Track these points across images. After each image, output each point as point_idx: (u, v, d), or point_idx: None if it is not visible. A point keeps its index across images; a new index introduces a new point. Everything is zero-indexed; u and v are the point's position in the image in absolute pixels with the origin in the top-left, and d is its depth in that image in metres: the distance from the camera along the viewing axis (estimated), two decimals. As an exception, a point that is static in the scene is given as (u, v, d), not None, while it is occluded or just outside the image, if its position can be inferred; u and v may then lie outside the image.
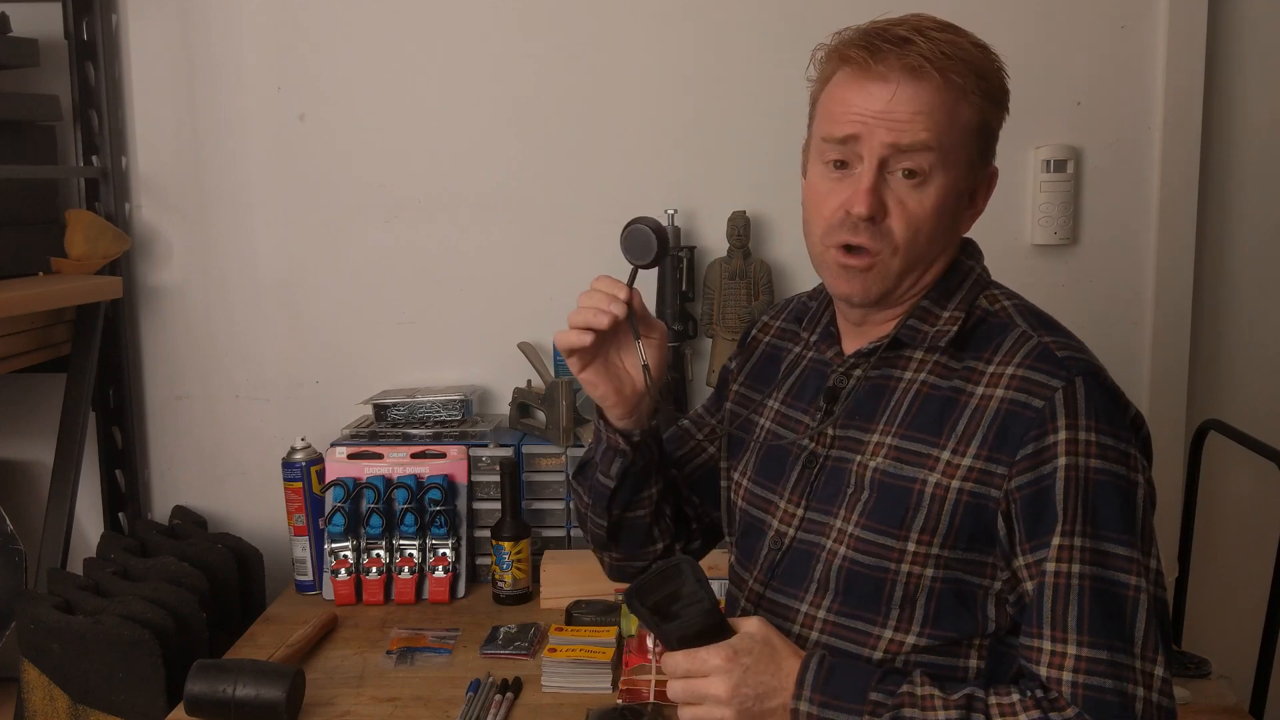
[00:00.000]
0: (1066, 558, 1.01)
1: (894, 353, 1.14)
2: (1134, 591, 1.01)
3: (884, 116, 1.05)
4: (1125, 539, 1.02)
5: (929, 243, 1.09)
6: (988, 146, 1.12)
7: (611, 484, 1.26)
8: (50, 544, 1.92)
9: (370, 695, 1.58)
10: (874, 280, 1.10)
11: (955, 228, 1.13)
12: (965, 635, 1.08)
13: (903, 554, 1.08)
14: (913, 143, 1.05)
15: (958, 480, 1.06)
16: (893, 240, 1.08)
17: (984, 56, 1.09)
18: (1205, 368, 2.12)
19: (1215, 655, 1.66)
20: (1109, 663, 0.99)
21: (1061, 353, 1.06)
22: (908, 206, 1.07)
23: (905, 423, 1.10)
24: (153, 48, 2.10)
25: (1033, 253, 2.06)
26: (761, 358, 1.32)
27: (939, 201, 1.08)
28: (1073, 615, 1.00)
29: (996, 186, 1.16)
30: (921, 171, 1.06)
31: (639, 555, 1.33)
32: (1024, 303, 1.15)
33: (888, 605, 1.09)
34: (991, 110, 1.10)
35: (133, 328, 2.17)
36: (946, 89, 1.06)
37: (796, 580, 1.15)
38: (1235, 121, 2.07)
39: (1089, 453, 1.02)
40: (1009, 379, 1.06)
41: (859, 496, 1.11)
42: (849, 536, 1.11)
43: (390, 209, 2.12)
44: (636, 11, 2.04)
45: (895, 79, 1.05)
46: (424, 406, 2.03)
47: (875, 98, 1.06)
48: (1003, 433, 1.04)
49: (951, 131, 1.07)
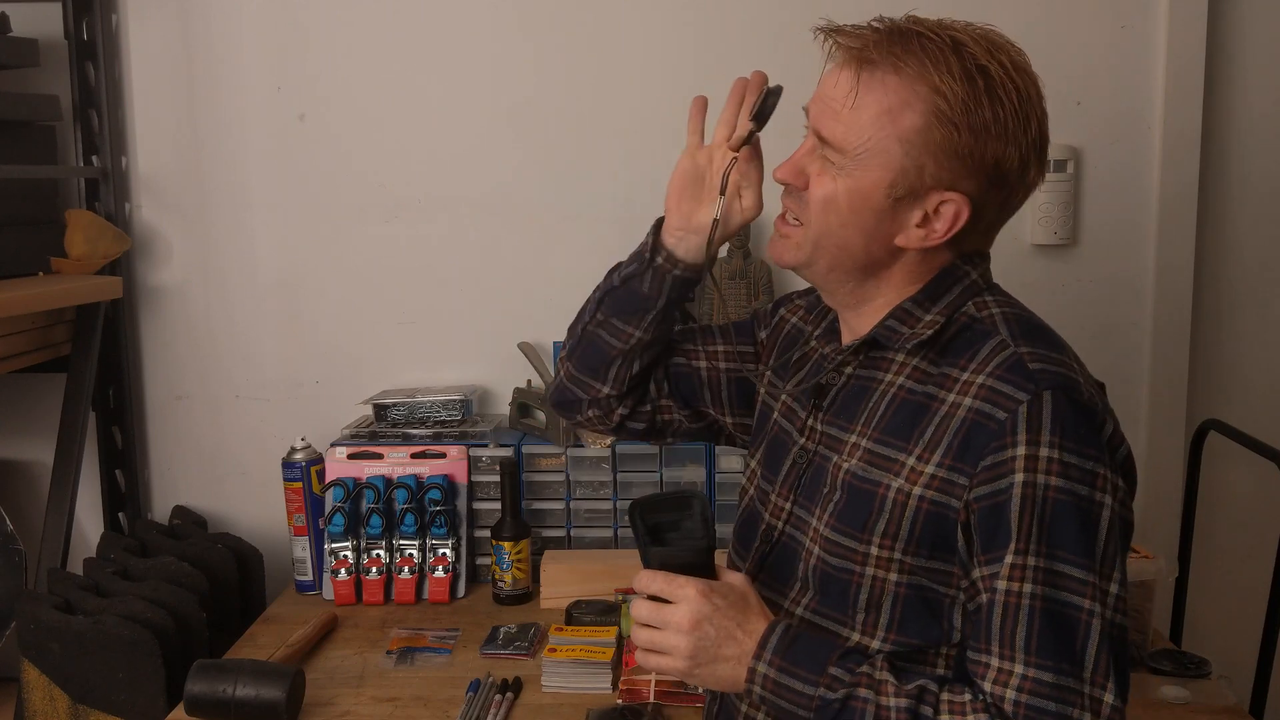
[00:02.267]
0: (1019, 576, 0.99)
1: (878, 354, 1.14)
2: (1086, 615, 0.98)
3: (824, 98, 1.08)
4: (1082, 561, 0.99)
5: (840, 226, 1.09)
6: (946, 169, 1.05)
7: (617, 285, 1.27)
8: (50, 544, 1.92)
9: (370, 695, 1.58)
10: (789, 249, 1.14)
11: (883, 227, 1.08)
12: (931, 643, 1.07)
13: (866, 557, 1.07)
14: (825, 136, 1.08)
15: (919, 487, 1.05)
16: (807, 212, 1.11)
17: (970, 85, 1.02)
18: (1205, 368, 2.12)
19: (1215, 655, 1.66)
20: (1053, 685, 0.97)
21: (1034, 365, 1.03)
22: (821, 184, 1.09)
23: (879, 426, 1.10)
24: (153, 48, 2.10)
25: (1033, 253, 2.05)
26: (785, 340, 1.31)
27: (851, 189, 1.07)
28: (1021, 634, 0.98)
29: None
30: (838, 155, 1.07)
31: (587, 382, 1.33)
32: (1015, 311, 1.11)
33: (854, 608, 1.09)
34: (964, 137, 1.03)
35: (133, 328, 2.17)
36: (891, 91, 1.04)
37: (782, 576, 1.16)
38: (1235, 121, 2.07)
39: (1050, 470, 0.99)
40: (978, 388, 1.04)
41: (832, 497, 1.11)
42: (821, 536, 1.11)
43: (390, 209, 2.12)
44: (636, 11, 2.04)
45: (847, 67, 1.06)
46: (424, 406, 2.03)
47: (828, 79, 1.09)
48: (966, 442, 1.03)
49: (879, 131, 1.05)
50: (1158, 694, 1.55)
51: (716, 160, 1.24)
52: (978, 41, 1.04)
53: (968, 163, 1.05)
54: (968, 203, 1.06)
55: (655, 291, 1.26)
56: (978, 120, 1.03)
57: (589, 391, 1.33)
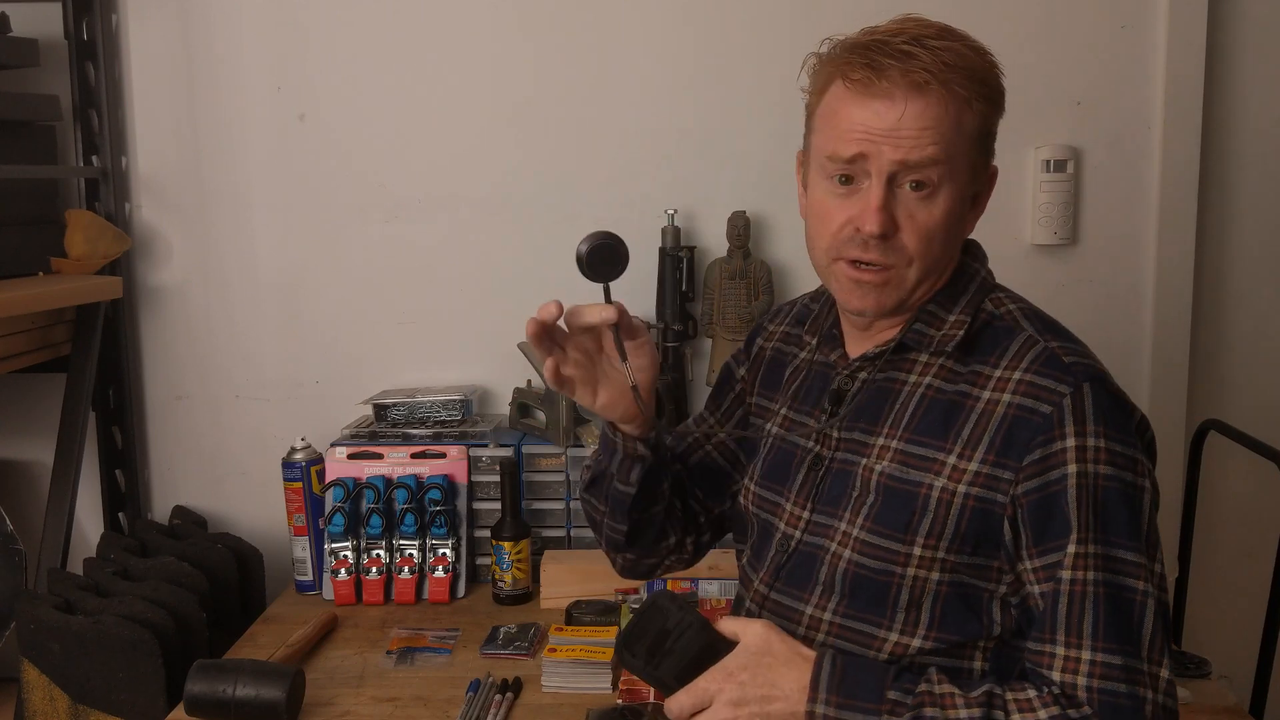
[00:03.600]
0: (1082, 565, 1.01)
1: (899, 356, 1.14)
2: (1141, 596, 1.02)
3: (891, 134, 1.05)
4: (1133, 545, 1.02)
5: (943, 251, 1.10)
6: (988, 147, 1.12)
7: (632, 490, 1.25)
8: (50, 544, 1.92)
9: (370, 695, 1.58)
10: (889, 293, 1.10)
11: (962, 231, 1.13)
12: (970, 638, 1.08)
13: (908, 558, 1.08)
14: (921, 159, 1.05)
15: (964, 485, 1.06)
16: (906, 254, 1.08)
17: (981, 60, 1.08)
18: (1205, 368, 2.12)
19: (1215, 655, 1.66)
20: (1123, 667, 1.00)
21: (1068, 358, 1.07)
22: (918, 219, 1.07)
23: (911, 426, 1.11)
24: (153, 48, 2.10)
25: (1033, 253, 2.06)
26: (769, 365, 1.32)
27: (948, 210, 1.08)
28: (1088, 622, 1.01)
29: (996, 186, 1.17)
30: (930, 184, 1.06)
31: (654, 552, 1.33)
32: (1029, 306, 1.15)
33: (893, 609, 1.09)
34: (991, 112, 1.10)
35: (133, 328, 2.17)
36: (950, 100, 1.05)
37: (801, 582, 1.15)
38: (1235, 121, 2.07)
39: (1098, 459, 1.02)
40: (1016, 384, 1.06)
41: (864, 500, 1.11)
42: (853, 540, 1.11)
43: (390, 209, 2.12)
44: (636, 12, 2.04)
45: (901, 95, 1.04)
46: (424, 406, 2.03)
47: (881, 116, 1.05)
48: (1009, 437, 1.05)
49: (957, 141, 1.06)
50: (1158, 694, 1.55)
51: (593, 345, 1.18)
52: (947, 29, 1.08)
53: (994, 129, 1.12)
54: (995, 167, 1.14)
55: (662, 452, 1.25)
56: (1000, 92, 1.10)
57: (659, 555, 1.34)
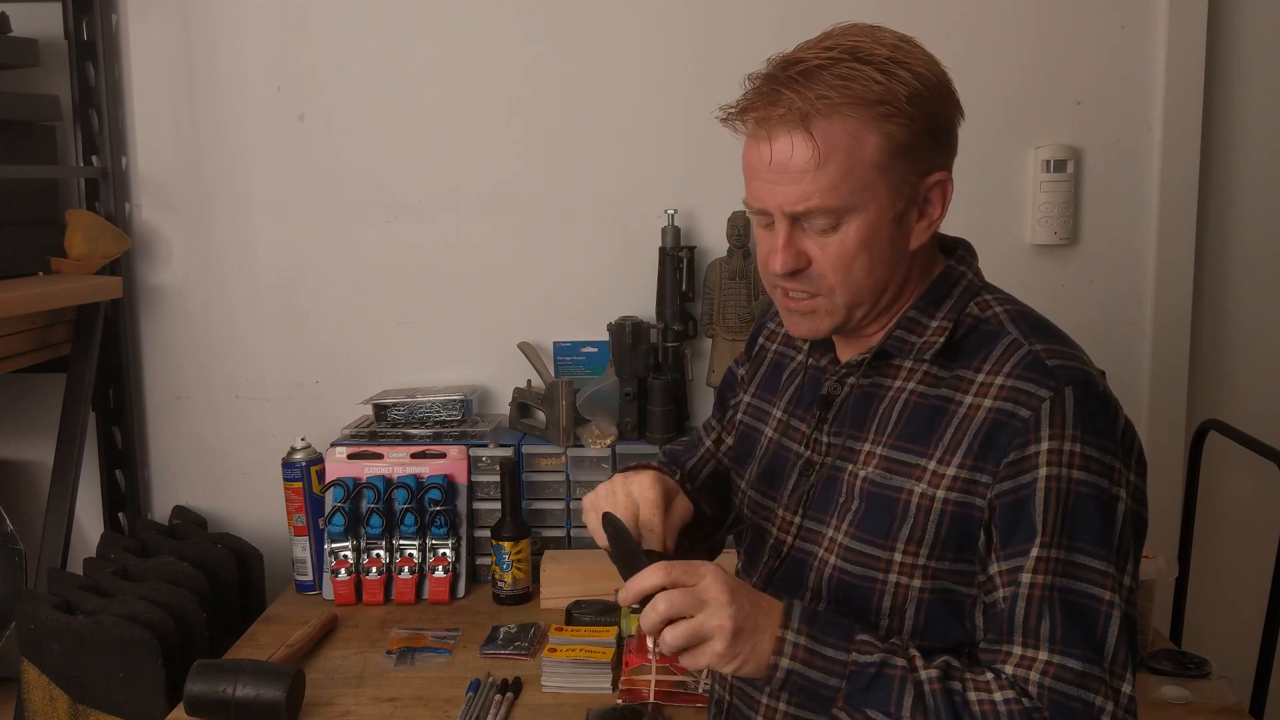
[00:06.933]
0: (1043, 569, 1.00)
1: (884, 362, 1.13)
2: (1107, 606, 1.00)
3: (778, 179, 1.04)
4: (1102, 553, 1.00)
5: (868, 274, 1.07)
6: (918, 160, 1.06)
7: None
8: (50, 544, 1.92)
9: (370, 695, 1.58)
10: (820, 319, 1.10)
11: (898, 247, 1.09)
12: (955, 645, 1.07)
13: (889, 564, 1.07)
14: (809, 209, 1.04)
15: (943, 490, 1.05)
16: (826, 282, 1.07)
17: (891, 77, 1.02)
18: (1205, 368, 2.12)
19: (1215, 655, 1.66)
20: (1078, 672, 0.98)
21: (1052, 361, 1.05)
22: (829, 252, 1.06)
23: (894, 432, 1.10)
24: (153, 48, 2.10)
25: (1033, 253, 2.05)
26: (769, 366, 1.31)
27: (862, 239, 1.05)
28: (1045, 625, 0.99)
29: (996, 186, 1.15)
30: (831, 219, 1.04)
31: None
32: (1017, 308, 1.13)
33: (877, 615, 1.08)
34: (913, 125, 1.03)
35: (133, 328, 2.17)
36: (841, 131, 1.02)
37: (793, 589, 1.15)
38: (1235, 121, 2.07)
39: (1072, 464, 1.01)
40: (998, 389, 1.05)
41: (850, 506, 1.11)
42: (839, 546, 1.11)
43: (390, 209, 2.12)
44: (636, 11, 2.04)
45: (785, 134, 1.03)
46: (424, 406, 2.03)
47: (766, 158, 1.04)
48: (988, 442, 1.03)
49: (854, 171, 1.03)
50: (1158, 694, 1.55)
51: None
52: (860, 36, 1.05)
53: (928, 140, 1.06)
54: (948, 174, 1.09)
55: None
56: (918, 100, 1.04)
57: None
